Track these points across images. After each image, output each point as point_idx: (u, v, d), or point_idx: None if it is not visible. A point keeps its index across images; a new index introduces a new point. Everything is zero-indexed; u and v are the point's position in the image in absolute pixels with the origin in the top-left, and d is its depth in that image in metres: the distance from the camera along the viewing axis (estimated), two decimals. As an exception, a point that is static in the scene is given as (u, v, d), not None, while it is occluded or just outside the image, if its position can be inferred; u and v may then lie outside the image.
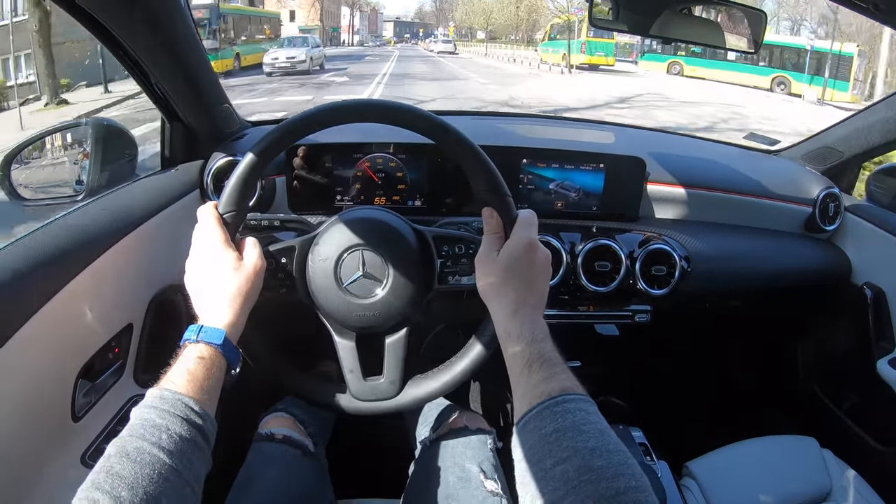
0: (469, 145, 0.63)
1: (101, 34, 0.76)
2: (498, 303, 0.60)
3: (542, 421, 0.48)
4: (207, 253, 0.60)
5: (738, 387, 1.39)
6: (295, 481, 0.78)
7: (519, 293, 0.59)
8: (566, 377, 0.52)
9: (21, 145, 0.96)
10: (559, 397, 0.49)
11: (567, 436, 0.46)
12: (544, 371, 0.52)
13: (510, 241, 0.61)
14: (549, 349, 0.54)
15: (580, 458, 0.44)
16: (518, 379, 0.54)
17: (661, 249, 0.97)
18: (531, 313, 0.58)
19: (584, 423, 0.47)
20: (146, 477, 0.43)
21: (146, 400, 0.49)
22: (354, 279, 0.66)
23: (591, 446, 0.45)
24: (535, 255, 0.61)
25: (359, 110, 0.63)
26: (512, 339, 0.56)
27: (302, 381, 0.71)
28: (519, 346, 0.55)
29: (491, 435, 0.84)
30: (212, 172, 0.94)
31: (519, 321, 0.57)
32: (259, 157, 0.62)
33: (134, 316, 0.82)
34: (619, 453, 0.45)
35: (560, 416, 0.48)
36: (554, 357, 0.54)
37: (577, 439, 0.45)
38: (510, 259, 0.60)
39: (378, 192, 0.97)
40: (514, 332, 0.56)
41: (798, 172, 1.22)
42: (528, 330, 0.56)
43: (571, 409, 0.48)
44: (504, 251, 0.61)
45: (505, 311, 0.59)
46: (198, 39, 0.87)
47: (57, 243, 0.68)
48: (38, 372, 0.63)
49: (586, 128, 1.16)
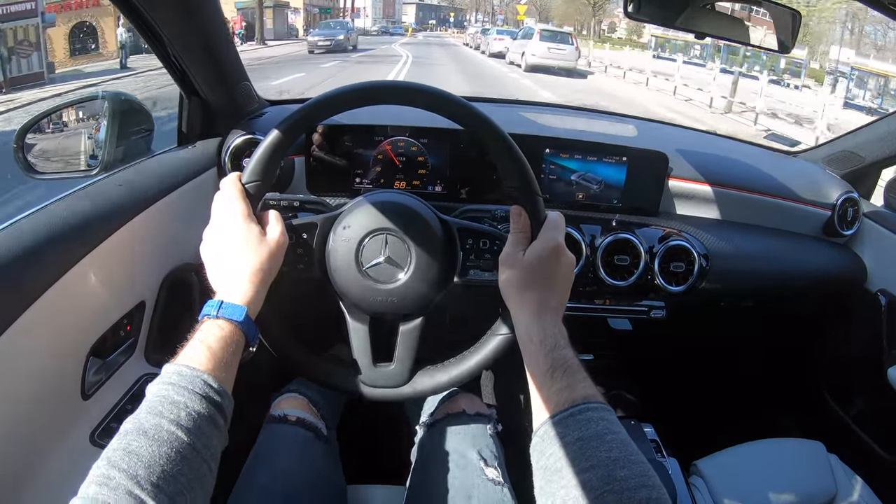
0: (505, 140, 0.61)
1: (121, 3, 0.74)
2: (520, 303, 0.59)
3: (566, 429, 0.48)
4: (229, 225, 0.59)
5: (748, 387, 1.39)
6: (308, 465, 0.78)
7: (542, 295, 0.59)
8: (588, 385, 0.52)
9: (36, 117, 0.94)
10: (582, 405, 0.49)
11: (591, 445, 0.46)
12: (567, 378, 0.52)
13: (537, 243, 0.61)
14: (570, 356, 0.54)
15: (604, 468, 0.44)
16: (540, 384, 0.53)
17: (681, 246, 0.96)
18: (552, 317, 0.58)
19: (608, 432, 0.47)
20: (164, 455, 0.42)
21: (163, 376, 0.48)
22: (376, 263, 0.65)
23: (614, 457, 0.45)
24: (561, 259, 0.60)
25: (394, 92, 0.62)
26: (534, 343, 0.56)
27: (310, 362, 0.70)
28: (542, 352, 0.54)
29: (490, 420, 0.83)
30: (230, 150, 0.93)
31: (541, 325, 0.57)
32: (286, 132, 0.61)
33: (146, 294, 0.81)
34: (641, 464, 0.45)
35: (584, 425, 0.48)
36: (576, 364, 0.53)
37: (601, 449, 0.46)
38: (536, 260, 0.60)
39: (398, 175, 0.95)
40: (537, 337, 0.56)
41: (818, 175, 1.21)
42: (550, 335, 0.55)
43: (595, 418, 0.48)
44: (530, 252, 0.60)
45: (527, 312, 0.58)
46: (220, 13, 0.85)
47: (72, 218, 0.67)
48: (48, 348, 0.62)
49: (609, 120, 1.15)
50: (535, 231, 0.62)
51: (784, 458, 1.01)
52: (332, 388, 0.71)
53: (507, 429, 0.86)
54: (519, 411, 1.26)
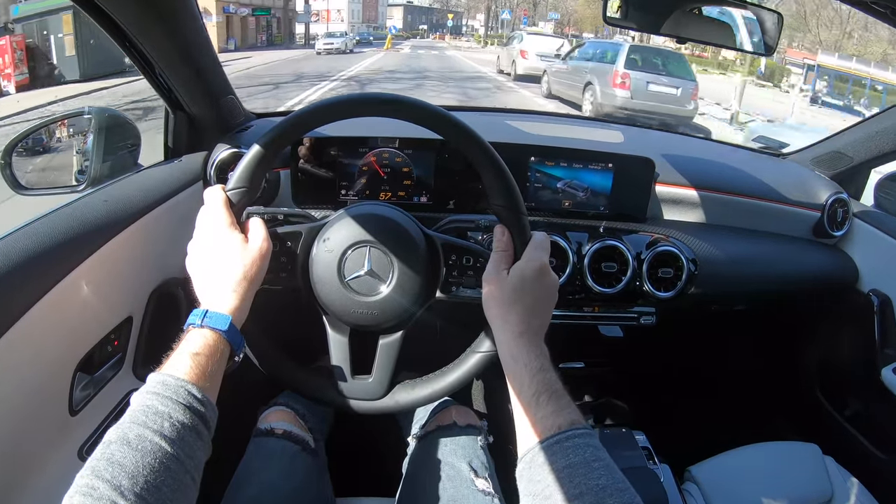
0: (493, 157, 0.61)
1: (104, 22, 0.74)
2: (503, 323, 0.59)
3: (554, 455, 0.48)
4: (212, 235, 0.59)
5: (741, 391, 1.39)
6: (295, 478, 0.77)
7: (524, 316, 0.58)
8: (573, 410, 0.52)
9: (24, 133, 0.94)
10: (570, 431, 0.49)
11: (579, 472, 0.46)
12: (553, 404, 0.52)
13: (521, 262, 0.61)
14: (555, 379, 0.54)
15: (592, 495, 0.45)
16: (526, 408, 0.53)
17: (669, 251, 0.96)
18: (535, 338, 0.58)
19: (594, 459, 0.47)
20: (147, 465, 0.42)
21: (148, 385, 0.48)
22: (358, 275, 0.65)
23: (601, 484, 0.45)
24: (545, 280, 0.60)
25: (377, 104, 0.62)
26: (519, 365, 0.56)
27: (293, 374, 0.70)
28: (527, 374, 0.54)
29: (481, 432, 0.83)
30: (215, 164, 0.93)
31: (525, 346, 0.56)
32: (274, 140, 0.61)
33: (134, 308, 0.81)
34: (627, 492, 0.46)
35: (571, 452, 0.48)
36: (560, 389, 0.53)
37: (590, 476, 0.46)
38: (520, 281, 0.59)
39: (384, 186, 0.95)
40: (521, 359, 0.56)
41: (807, 177, 1.21)
42: (534, 357, 0.55)
43: (581, 444, 0.48)
44: (515, 271, 0.60)
45: (510, 332, 0.58)
46: (203, 28, 0.86)
47: (58, 233, 0.66)
48: (36, 364, 0.62)
49: (594, 126, 1.15)
50: (520, 251, 0.61)
51: (779, 461, 1.00)
52: (313, 400, 0.71)
53: (498, 439, 0.85)
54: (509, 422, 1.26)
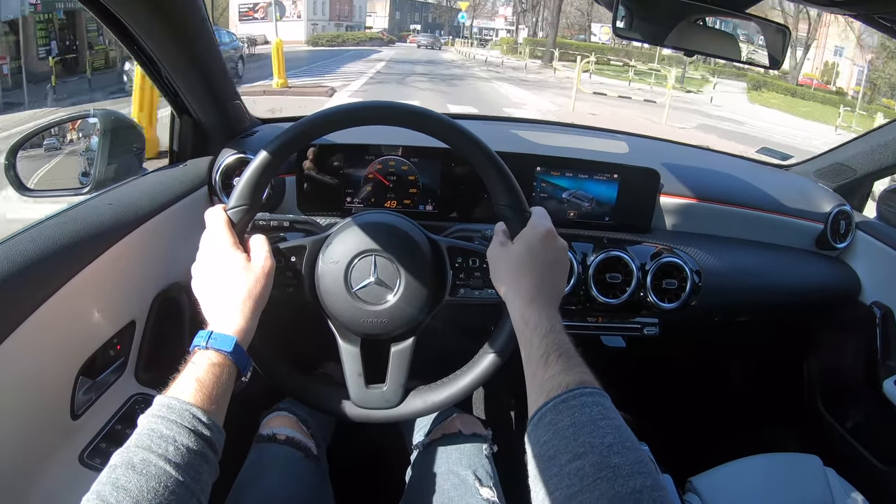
0: (495, 160, 0.62)
1: (111, 24, 0.74)
2: (515, 292, 0.59)
3: (559, 415, 0.47)
4: (214, 256, 0.59)
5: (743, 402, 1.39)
6: (297, 484, 0.77)
7: (536, 281, 0.59)
8: (583, 370, 0.51)
9: (29, 134, 0.94)
10: (576, 390, 0.48)
11: (584, 431, 0.45)
12: (561, 363, 0.51)
13: (526, 230, 0.61)
14: (566, 341, 0.54)
15: (596, 454, 0.43)
16: (535, 370, 0.53)
17: (673, 263, 0.96)
18: (548, 303, 0.58)
19: (601, 417, 0.46)
20: (152, 490, 0.42)
21: (153, 408, 0.48)
22: (365, 284, 0.65)
23: (607, 442, 0.44)
24: (554, 243, 0.61)
25: (379, 113, 0.62)
26: (529, 327, 0.55)
27: (303, 385, 0.70)
28: (536, 336, 0.54)
29: (486, 440, 0.83)
30: (220, 169, 0.93)
31: (537, 310, 0.56)
32: (274, 153, 0.61)
33: (137, 313, 0.81)
34: (635, 451, 0.44)
35: (577, 410, 0.47)
36: (570, 349, 0.53)
37: (594, 434, 0.45)
38: (527, 246, 0.60)
39: (389, 195, 0.95)
40: (532, 321, 0.55)
41: (810, 188, 1.21)
42: (546, 319, 0.55)
43: (588, 402, 0.47)
44: (519, 240, 0.61)
45: (521, 299, 0.58)
46: (211, 33, 0.86)
47: (63, 237, 0.66)
48: (38, 368, 0.62)
49: (599, 136, 1.15)
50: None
51: (780, 472, 1.00)
52: (327, 413, 0.71)
53: (502, 448, 0.85)
54: (511, 429, 1.26)
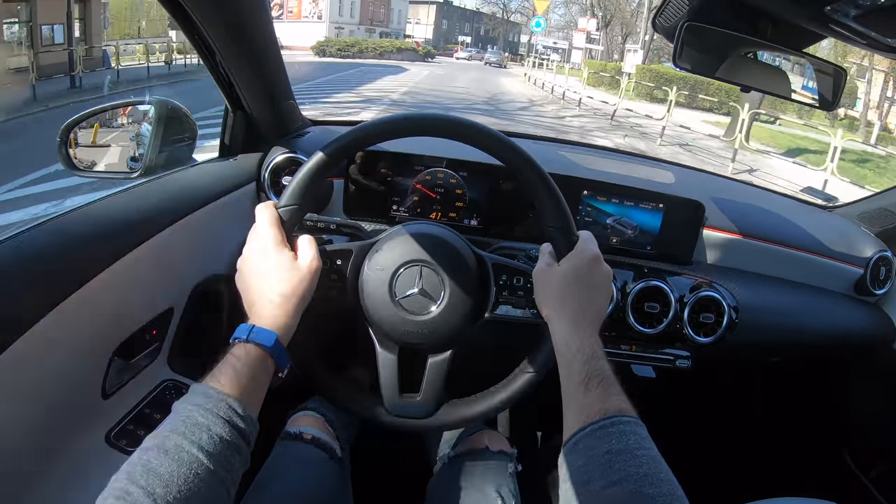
0: (548, 182, 0.63)
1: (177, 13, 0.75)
2: (559, 313, 0.60)
3: (596, 440, 0.48)
4: (261, 252, 0.59)
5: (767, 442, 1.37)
6: (319, 485, 0.78)
7: (580, 305, 0.59)
8: (622, 399, 0.51)
9: (83, 115, 0.95)
10: (615, 417, 0.49)
11: (620, 458, 0.45)
12: (601, 390, 0.52)
13: (573, 254, 0.62)
14: (606, 368, 0.54)
15: (632, 482, 0.43)
16: (574, 393, 0.53)
17: (711, 297, 0.95)
18: (590, 328, 0.58)
19: (638, 447, 0.47)
20: (182, 476, 0.42)
21: (189, 396, 0.49)
22: (409, 294, 0.65)
23: (643, 472, 0.44)
24: (600, 268, 0.62)
25: (439, 126, 0.63)
26: (571, 350, 0.56)
27: (337, 388, 0.70)
28: (578, 361, 0.55)
29: (512, 459, 0.83)
30: (270, 167, 0.94)
31: (580, 334, 0.57)
32: (331, 155, 0.62)
33: (176, 301, 0.82)
34: (669, 483, 0.44)
35: (615, 438, 0.47)
36: (611, 377, 0.53)
37: (630, 463, 0.45)
38: (574, 270, 0.61)
39: (435, 206, 0.96)
40: (574, 345, 0.56)
41: (852, 232, 1.19)
42: (588, 345, 0.56)
43: (626, 431, 0.48)
44: (566, 262, 0.62)
45: (565, 322, 0.59)
46: (274, 30, 0.87)
47: (113, 219, 0.68)
48: (76, 343, 0.63)
49: (646, 164, 1.14)
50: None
51: None
52: (358, 417, 0.71)
53: (524, 468, 0.85)
54: (535, 449, 1.25)
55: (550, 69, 18.53)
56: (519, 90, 15.91)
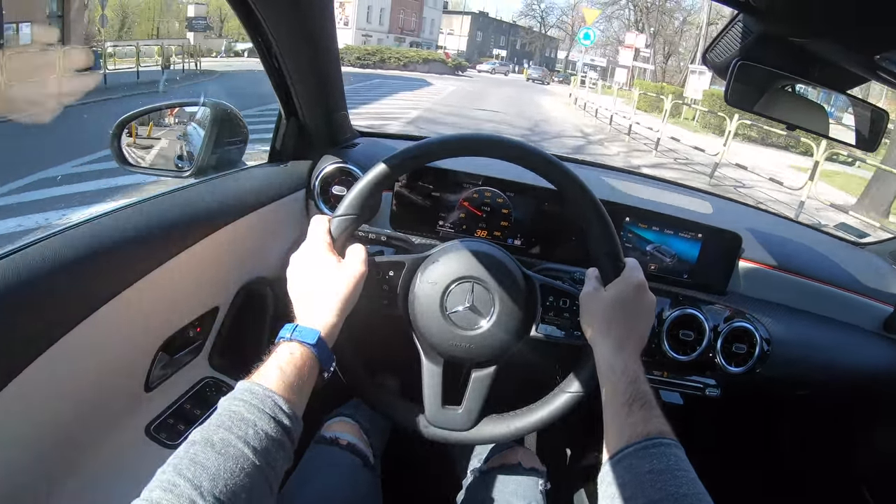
0: (599, 208, 0.65)
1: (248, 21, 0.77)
2: (604, 338, 0.62)
3: (639, 460, 0.50)
4: (312, 258, 0.62)
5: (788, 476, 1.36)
6: (352, 490, 0.79)
7: (625, 330, 0.62)
8: (663, 421, 0.54)
9: (138, 112, 0.98)
10: (657, 439, 0.51)
11: (662, 478, 0.48)
12: (644, 412, 0.54)
13: (619, 280, 0.64)
14: (649, 392, 0.56)
15: (672, 501, 0.46)
16: (616, 414, 0.56)
17: (745, 328, 0.96)
18: (634, 351, 0.61)
19: (678, 468, 0.49)
20: (228, 470, 0.43)
21: (236, 392, 0.50)
22: (459, 309, 0.67)
23: (683, 492, 0.46)
24: (645, 295, 0.64)
25: (497, 147, 0.65)
26: (616, 374, 0.58)
27: (379, 393, 0.72)
28: (623, 382, 0.57)
29: (542, 476, 0.84)
30: (321, 176, 0.96)
31: (624, 358, 0.59)
32: (393, 168, 0.64)
33: (221, 300, 0.84)
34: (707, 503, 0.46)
35: (657, 458, 0.49)
36: (653, 400, 0.56)
37: (671, 483, 0.47)
38: (619, 296, 0.63)
39: (480, 224, 0.97)
40: (619, 368, 0.58)
41: (884, 269, 1.19)
42: (632, 369, 0.58)
43: (667, 452, 0.50)
44: (613, 287, 0.64)
45: (610, 346, 0.61)
46: (336, 40, 0.89)
47: (166, 218, 0.70)
48: (125, 336, 0.65)
49: (685, 194, 1.15)
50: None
51: None
52: (398, 425, 0.73)
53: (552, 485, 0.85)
54: (564, 468, 1.25)
55: (593, 88, 16.61)
56: (564, 116, 13.08)
